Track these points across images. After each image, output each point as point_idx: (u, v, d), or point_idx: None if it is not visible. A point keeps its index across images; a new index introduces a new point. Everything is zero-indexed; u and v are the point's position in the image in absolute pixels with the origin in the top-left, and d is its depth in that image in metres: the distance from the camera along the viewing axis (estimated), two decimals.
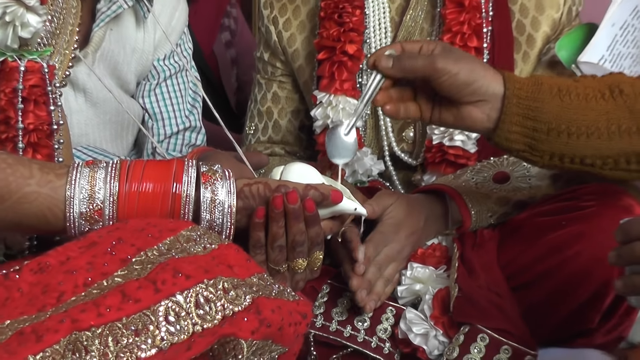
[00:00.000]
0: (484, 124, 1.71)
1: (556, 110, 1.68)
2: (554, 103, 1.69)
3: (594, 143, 1.67)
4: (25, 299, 1.35)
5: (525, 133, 1.69)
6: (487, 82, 1.69)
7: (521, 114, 1.68)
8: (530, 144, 1.71)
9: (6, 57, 1.64)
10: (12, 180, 1.48)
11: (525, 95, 1.69)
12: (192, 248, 1.40)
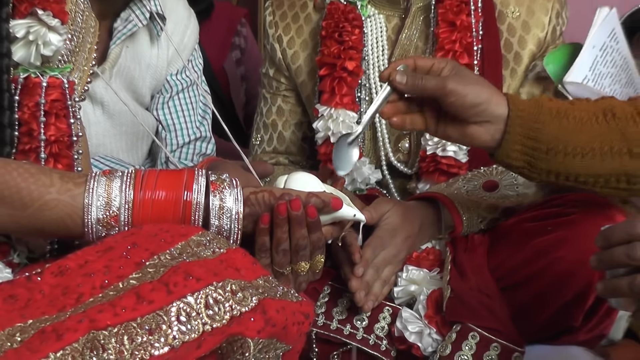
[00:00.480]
0: (488, 143, 1.71)
1: (555, 132, 1.67)
2: (553, 125, 1.68)
3: (588, 163, 1.67)
4: (46, 299, 1.35)
5: (526, 152, 1.69)
6: (493, 105, 1.68)
7: (523, 134, 1.68)
8: (529, 161, 1.70)
9: (29, 74, 1.64)
10: (34, 189, 1.48)
11: (527, 117, 1.68)
12: (202, 252, 1.39)
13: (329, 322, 1.97)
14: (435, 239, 2.06)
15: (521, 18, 2.23)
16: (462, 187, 2.07)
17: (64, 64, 1.71)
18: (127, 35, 2.35)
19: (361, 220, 1.69)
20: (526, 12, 2.23)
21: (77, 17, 1.79)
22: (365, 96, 2.26)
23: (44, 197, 1.48)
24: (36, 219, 1.49)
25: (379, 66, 2.26)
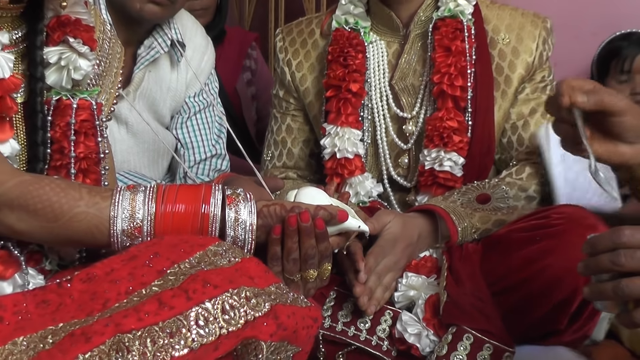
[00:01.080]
0: (632, 161, 1.63)
1: None
2: None
3: None
4: (75, 304, 1.35)
5: None
6: None
7: None
8: None
9: (61, 96, 1.64)
10: (64, 202, 1.48)
11: None
12: (218, 261, 1.39)
13: (334, 325, 1.97)
14: (433, 248, 2.06)
15: (511, 44, 2.23)
16: (458, 199, 2.06)
17: (92, 87, 1.72)
18: (150, 61, 2.37)
19: (365, 231, 1.70)
20: (515, 39, 2.23)
21: (105, 44, 1.80)
22: (368, 115, 2.26)
23: (73, 209, 1.49)
24: (66, 229, 1.50)
25: (380, 88, 2.26)
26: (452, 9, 2.19)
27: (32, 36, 1.63)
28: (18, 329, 1.31)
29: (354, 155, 2.21)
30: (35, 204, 1.47)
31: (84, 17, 1.69)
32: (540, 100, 2.23)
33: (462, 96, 2.14)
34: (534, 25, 2.25)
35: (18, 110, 1.61)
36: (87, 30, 1.68)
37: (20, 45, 1.63)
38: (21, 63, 1.62)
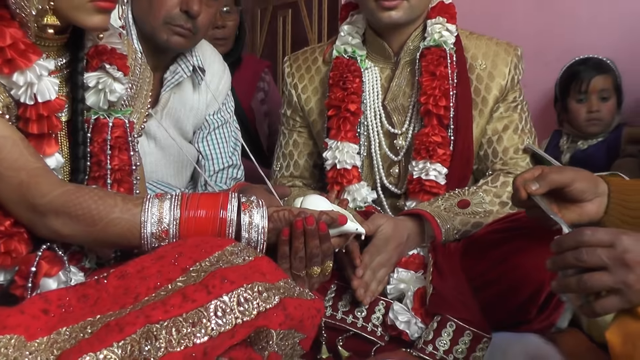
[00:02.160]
0: (599, 215, 1.67)
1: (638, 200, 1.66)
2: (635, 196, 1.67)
3: None
4: (110, 298, 1.35)
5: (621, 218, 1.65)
6: (599, 183, 1.67)
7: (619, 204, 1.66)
8: None
9: (99, 115, 1.64)
10: (102, 209, 1.48)
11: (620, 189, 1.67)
12: (234, 260, 1.39)
13: (335, 313, 1.97)
14: (420, 247, 2.04)
15: (487, 69, 2.22)
16: (441, 205, 2.06)
17: (125, 108, 1.72)
18: (175, 84, 2.38)
19: (361, 232, 1.70)
20: (491, 64, 2.22)
21: (136, 69, 1.80)
22: (364, 131, 2.25)
23: (109, 215, 1.48)
24: (104, 233, 1.49)
25: (375, 108, 2.25)
26: (436, 39, 2.19)
27: (74, 63, 1.63)
28: (62, 320, 1.31)
29: (351, 166, 2.20)
30: (76, 211, 1.47)
31: (118, 47, 1.69)
32: (512, 118, 2.23)
33: (445, 115, 2.13)
34: (507, 53, 2.24)
35: (62, 128, 1.61)
36: (121, 58, 1.68)
37: (64, 71, 1.62)
38: (65, 86, 1.62)
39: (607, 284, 1.29)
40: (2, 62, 1.45)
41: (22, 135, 1.50)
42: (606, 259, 1.29)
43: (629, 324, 1.28)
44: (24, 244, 1.52)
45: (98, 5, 1.50)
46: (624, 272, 1.28)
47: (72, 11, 1.50)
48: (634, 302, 1.28)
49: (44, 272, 1.50)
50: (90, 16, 1.52)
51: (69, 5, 1.49)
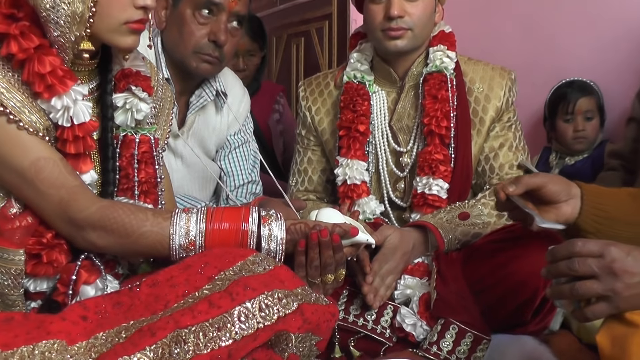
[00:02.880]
0: (573, 216, 1.66)
1: (612, 205, 1.66)
2: (610, 200, 1.67)
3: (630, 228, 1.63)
4: (143, 305, 1.35)
5: (595, 220, 1.65)
6: (571, 187, 1.68)
7: (593, 206, 1.65)
8: (597, 228, 1.66)
9: (127, 132, 1.65)
10: (134, 223, 1.48)
11: (593, 193, 1.67)
12: (256, 269, 1.39)
13: (347, 316, 1.97)
14: (424, 255, 2.03)
15: (484, 92, 2.21)
16: (443, 217, 2.04)
17: (150, 125, 1.72)
18: (200, 107, 2.39)
19: (371, 243, 1.69)
20: (487, 87, 2.21)
21: (159, 90, 1.80)
22: (372, 150, 2.24)
23: (141, 228, 1.48)
24: (136, 244, 1.49)
25: (382, 128, 2.24)
26: (438, 65, 2.19)
27: (104, 85, 1.63)
28: (99, 326, 1.31)
29: (361, 181, 2.19)
30: (111, 225, 1.47)
31: (142, 69, 1.70)
32: (507, 137, 2.22)
33: (446, 134, 2.13)
34: (502, 77, 2.23)
35: (96, 147, 1.60)
36: (145, 80, 1.69)
37: (95, 93, 1.62)
38: (96, 107, 1.62)
39: (597, 291, 1.29)
40: (43, 88, 1.45)
41: (60, 156, 1.50)
42: (596, 268, 1.30)
43: (617, 328, 1.28)
44: (64, 255, 1.51)
45: (131, 27, 1.52)
46: (612, 280, 1.28)
47: (108, 34, 1.51)
48: (622, 308, 1.28)
49: (83, 280, 1.50)
50: (124, 37, 1.53)
51: (106, 29, 1.50)
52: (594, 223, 1.65)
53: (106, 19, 1.48)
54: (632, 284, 1.28)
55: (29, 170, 1.44)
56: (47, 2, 1.40)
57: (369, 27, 2.20)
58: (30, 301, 1.52)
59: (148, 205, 1.63)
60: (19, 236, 1.48)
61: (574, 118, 3.05)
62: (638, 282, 1.28)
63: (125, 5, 1.49)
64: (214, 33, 2.21)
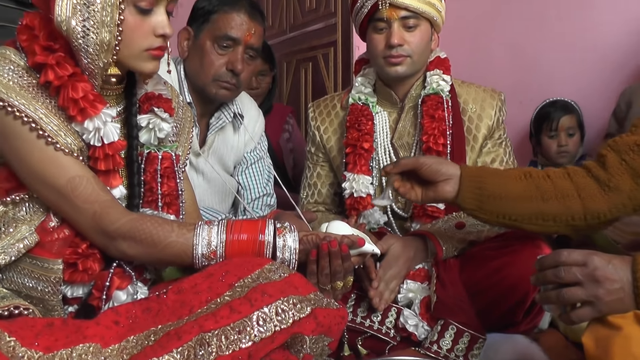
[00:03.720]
0: (452, 194, 1.72)
1: (493, 184, 1.68)
2: (491, 179, 1.69)
3: (518, 206, 1.67)
4: (169, 311, 1.35)
5: (475, 197, 1.69)
6: (450, 168, 1.72)
7: (472, 185, 1.69)
8: (479, 205, 1.70)
9: (150, 150, 1.65)
10: (161, 234, 1.47)
11: (474, 174, 1.71)
12: (272, 276, 1.38)
13: (355, 318, 1.96)
14: (425, 262, 2.01)
15: (477, 112, 2.20)
16: (442, 226, 2.03)
17: (172, 143, 1.71)
18: (219, 128, 2.39)
19: (377, 252, 1.68)
20: (480, 108, 2.20)
21: (179, 111, 1.80)
22: (376, 165, 2.23)
23: (167, 239, 1.47)
24: (162, 253, 1.48)
25: (384, 145, 2.23)
26: (435, 88, 2.18)
27: (130, 108, 1.63)
28: (130, 330, 1.32)
29: (366, 194, 2.18)
30: (140, 236, 1.46)
31: (164, 93, 1.70)
32: (498, 152, 2.21)
33: (443, 151, 2.11)
34: (493, 98, 2.22)
35: (123, 164, 1.59)
36: (167, 102, 1.69)
37: (122, 115, 1.63)
38: (123, 127, 1.62)
39: (581, 297, 1.30)
40: (76, 111, 1.45)
41: (93, 173, 1.50)
42: (580, 276, 1.30)
43: (600, 330, 1.27)
44: (97, 263, 1.51)
45: (151, 54, 1.53)
46: (595, 287, 1.29)
47: (131, 60, 1.52)
48: (604, 312, 1.28)
49: (116, 285, 1.49)
50: (146, 63, 1.54)
51: (129, 56, 1.51)
52: (474, 201, 1.70)
53: (130, 46, 1.49)
54: (613, 290, 1.28)
55: (65, 187, 1.45)
56: (79, 32, 1.40)
57: (372, 54, 2.20)
58: (68, 305, 1.51)
59: (171, 216, 1.63)
60: (58, 247, 1.48)
61: (558, 134, 3.06)
62: (618, 289, 1.28)
63: (146, 33, 1.50)
64: (232, 63, 2.23)
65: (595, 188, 1.63)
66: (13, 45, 1.48)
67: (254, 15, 2.26)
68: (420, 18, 2.11)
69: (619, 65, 3.07)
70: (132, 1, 1.46)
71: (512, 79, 3.39)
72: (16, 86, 1.42)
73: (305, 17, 4.51)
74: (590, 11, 3.14)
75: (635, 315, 1.23)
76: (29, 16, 1.49)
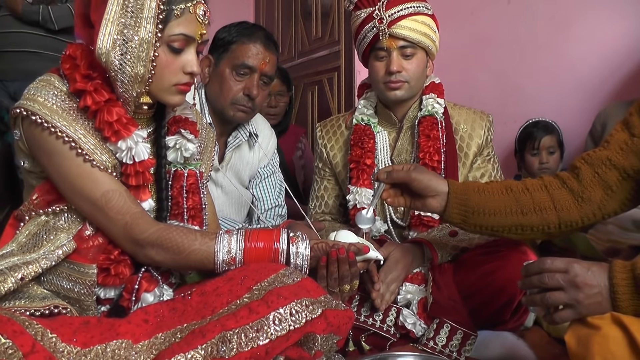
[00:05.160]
0: (439, 209, 1.72)
1: (476, 201, 1.68)
2: (475, 197, 1.68)
3: (498, 219, 1.67)
4: (194, 311, 1.35)
5: (460, 213, 1.69)
6: (440, 185, 1.71)
7: (458, 202, 1.68)
8: (463, 219, 1.70)
9: (177, 168, 1.64)
10: (185, 242, 1.47)
11: (460, 191, 1.69)
12: (286, 280, 1.38)
13: (358, 316, 1.95)
14: (422, 266, 2.01)
15: (468, 131, 2.20)
16: (437, 234, 2.03)
17: (196, 161, 1.71)
18: (236, 146, 2.39)
19: (380, 258, 1.67)
20: (470, 127, 2.20)
21: (203, 132, 1.80)
22: (376, 186, 2.22)
23: (191, 247, 1.47)
24: (186, 260, 1.48)
25: (385, 162, 2.23)
26: (430, 110, 2.18)
27: (159, 130, 1.64)
28: (158, 328, 1.32)
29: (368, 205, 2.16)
30: (167, 243, 1.47)
31: (190, 116, 1.71)
32: (487, 168, 2.21)
33: (438, 167, 2.11)
34: (482, 119, 2.22)
35: (153, 180, 1.60)
36: (192, 125, 1.69)
37: (152, 136, 1.63)
38: (152, 147, 1.62)
39: (564, 300, 1.32)
40: (111, 133, 1.47)
41: (125, 188, 1.51)
42: (562, 281, 1.32)
43: (581, 330, 1.28)
44: (127, 268, 1.51)
45: (179, 89, 1.54)
46: (575, 291, 1.31)
47: (160, 92, 1.54)
48: (584, 314, 1.30)
49: (144, 288, 1.50)
50: (173, 96, 1.55)
51: (159, 89, 1.53)
52: (459, 215, 1.69)
53: (160, 80, 1.51)
54: (592, 294, 1.30)
55: (100, 200, 1.45)
56: (116, 65, 1.42)
57: (373, 80, 2.21)
58: (101, 305, 1.52)
59: (195, 227, 1.62)
60: (92, 253, 1.49)
61: (539, 153, 3.05)
62: (597, 293, 1.30)
63: (176, 70, 1.52)
64: (248, 88, 2.24)
65: (569, 199, 1.64)
66: (57, 72, 1.50)
67: (268, 46, 2.27)
68: (417, 47, 2.12)
69: (594, 89, 3.07)
70: (166, 41, 1.47)
71: (497, 101, 3.39)
72: (59, 109, 1.43)
73: (312, 44, 4.52)
74: (568, 42, 3.15)
75: (612, 316, 1.25)
76: (72, 47, 1.51)
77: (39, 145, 1.45)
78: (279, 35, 4.94)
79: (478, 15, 3.52)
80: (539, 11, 3.25)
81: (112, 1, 1.40)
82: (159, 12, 1.43)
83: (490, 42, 3.47)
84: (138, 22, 1.41)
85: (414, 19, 2.10)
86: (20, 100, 1.44)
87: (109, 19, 1.40)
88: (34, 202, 1.51)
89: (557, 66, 3.19)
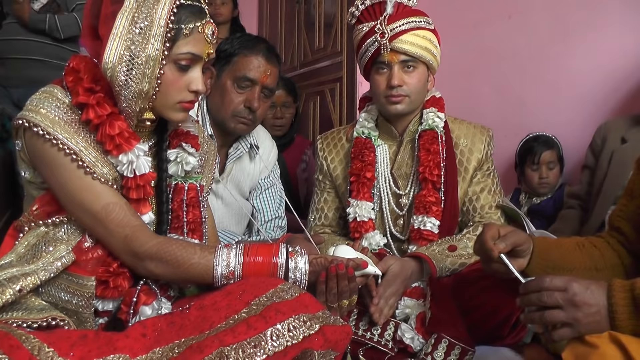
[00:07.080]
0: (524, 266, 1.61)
1: (557, 256, 1.64)
2: (555, 252, 1.65)
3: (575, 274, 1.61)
4: (192, 325, 1.34)
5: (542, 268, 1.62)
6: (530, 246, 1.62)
7: (541, 258, 1.62)
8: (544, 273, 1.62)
9: (178, 181, 1.64)
10: (185, 256, 1.47)
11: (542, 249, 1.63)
12: (284, 295, 1.37)
13: (357, 330, 1.94)
14: (420, 281, 2.01)
15: (468, 146, 2.20)
16: (436, 249, 2.03)
17: (197, 174, 1.71)
18: (237, 157, 2.38)
19: (378, 273, 1.67)
20: (471, 142, 2.21)
21: (204, 145, 1.79)
22: (377, 192, 2.23)
23: (190, 260, 1.47)
24: (185, 273, 1.48)
25: (385, 175, 2.22)
26: (430, 124, 2.18)
27: (160, 143, 1.64)
28: (156, 342, 1.31)
29: (368, 219, 2.18)
30: (166, 257, 1.46)
31: (191, 130, 1.71)
32: (487, 183, 2.21)
33: (437, 181, 2.12)
34: (482, 134, 2.23)
35: (153, 193, 1.60)
36: (194, 138, 1.69)
37: (153, 149, 1.63)
38: (153, 160, 1.62)
39: (562, 319, 1.31)
40: (112, 146, 1.47)
41: (125, 200, 1.50)
42: (561, 300, 1.31)
43: (579, 348, 1.27)
44: (126, 281, 1.51)
45: (182, 106, 1.55)
46: (574, 310, 1.30)
47: (164, 109, 1.53)
48: (582, 333, 1.29)
49: (143, 301, 1.49)
50: (176, 113, 1.55)
51: (163, 106, 1.52)
52: (541, 271, 1.63)
53: (165, 97, 1.51)
54: (590, 313, 1.30)
55: (100, 212, 1.45)
56: (122, 80, 1.42)
57: (374, 93, 2.21)
58: (99, 317, 1.51)
59: (195, 241, 1.62)
60: (91, 266, 1.48)
61: (539, 167, 3.04)
62: (595, 312, 1.30)
63: (181, 88, 1.52)
64: (249, 101, 2.24)
65: (624, 254, 1.67)
66: (60, 83, 1.50)
67: (270, 59, 2.27)
68: (418, 62, 2.13)
69: (594, 104, 3.07)
70: (173, 59, 1.47)
71: (498, 114, 3.39)
72: (61, 121, 1.43)
73: (314, 55, 4.53)
74: (569, 57, 3.15)
75: (610, 335, 1.24)
76: (75, 59, 1.51)
77: (40, 157, 1.45)
78: (281, 45, 4.94)
79: (480, 29, 3.53)
80: (541, 26, 3.25)
81: (121, 16, 1.40)
82: (167, 31, 1.43)
83: (492, 55, 3.47)
84: (146, 39, 1.41)
85: (415, 33, 2.10)
86: (22, 111, 1.44)
87: (117, 34, 1.40)
88: (33, 213, 1.50)
89: (558, 80, 3.19)
